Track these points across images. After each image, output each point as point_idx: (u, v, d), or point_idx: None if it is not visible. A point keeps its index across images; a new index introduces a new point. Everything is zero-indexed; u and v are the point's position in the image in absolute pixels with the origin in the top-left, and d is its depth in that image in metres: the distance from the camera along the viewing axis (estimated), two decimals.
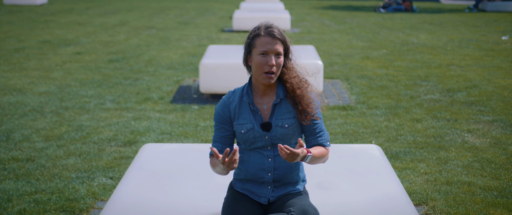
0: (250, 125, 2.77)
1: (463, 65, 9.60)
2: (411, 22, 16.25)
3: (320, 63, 7.19)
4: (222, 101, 2.84)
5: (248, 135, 2.77)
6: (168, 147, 3.85)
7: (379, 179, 3.29)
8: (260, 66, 2.71)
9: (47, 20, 16.37)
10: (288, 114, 2.78)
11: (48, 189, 4.44)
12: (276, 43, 2.72)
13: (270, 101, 2.81)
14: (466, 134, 5.89)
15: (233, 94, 2.84)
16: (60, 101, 7.18)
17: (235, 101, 2.81)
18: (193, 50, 11.31)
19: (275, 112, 2.78)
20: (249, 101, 2.78)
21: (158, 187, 3.19)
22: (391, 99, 7.31)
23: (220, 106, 2.83)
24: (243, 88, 2.83)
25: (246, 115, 2.79)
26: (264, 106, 2.80)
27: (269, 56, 2.70)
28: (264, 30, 2.74)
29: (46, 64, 9.65)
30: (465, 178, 4.68)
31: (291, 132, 2.78)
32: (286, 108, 2.79)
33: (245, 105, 2.80)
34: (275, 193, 2.82)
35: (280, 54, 2.73)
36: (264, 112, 2.80)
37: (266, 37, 2.72)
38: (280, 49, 2.73)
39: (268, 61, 2.70)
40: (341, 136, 5.82)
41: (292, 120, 2.78)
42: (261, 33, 2.73)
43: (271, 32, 2.72)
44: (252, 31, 2.77)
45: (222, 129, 2.82)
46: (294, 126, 2.78)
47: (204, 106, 6.92)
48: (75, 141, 5.66)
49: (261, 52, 2.71)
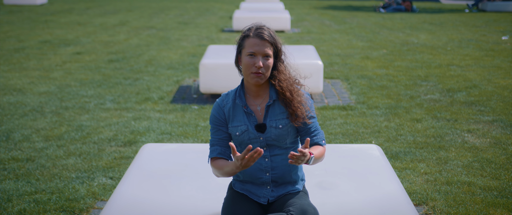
0: (244, 127, 2.78)
1: (463, 65, 9.60)
2: (411, 22, 16.25)
3: (320, 63, 7.19)
4: (216, 104, 2.85)
5: (243, 136, 2.78)
6: (168, 147, 3.84)
7: (379, 179, 3.28)
8: (248, 67, 2.72)
9: (47, 20, 16.37)
10: (281, 114, 2.79)
11: (48, 189, 4.44)
12: (265, 45, 2.72)
13: (263, 102, 2.81)
14: (466, 134, 5.88)
15: (226, 97, 2.84)
16: (60, 101, 7.18)
17: (228, 104, 2.82)
18: (193, 50, 11.31)
19: (268, 113, 2.79)
20: (242, 104, 2.79)
21: (158, 187, 3.18)
22: (391, 99, 7.31)
23: (215, 109, 2.84)
24: (236, 91, 2.84)
25: (240, 117, 2.79)
26: (257, 107, 2.81)
27: (257, 58, 2.71)
28: (254, 31, 2.75)
29: (46, 64, 9.65)
30: (465, 178, 4.68)
31: (285, 132, 2.78)
32: (279, 109, 2.80)
33: (239, 108, 2.81)
34: (275, 193, 2.82)
35: (269, 56, 2.73)
36: (258, 113, 2.80)
37: (254, 38, 2.72)
38: (269, 51, 2.73)
39: (255, 62, 2.71)
40: (341, 136, 5.82)
41: (286, 120, 2.78)
42: (250, 34, 2.75)
43: (260, 34, 2.73)
44: (243, 32, 2.79)
45: (220, 131, 2.82)
46: (288, 126, 2.78)
47: (204, 107, 6.92)
48: (75, 141, 5.65)
49: (249, 53, 2.72)
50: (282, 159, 2.79)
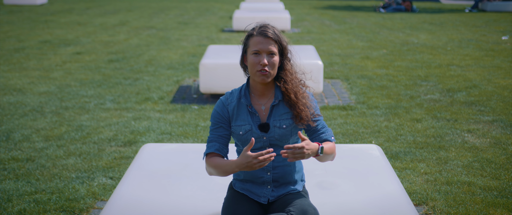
0: (248, 126, 2.78)
1: (463, 65, 9.60)
2: (411, 22, 16.25)
3: (320, 63, 7.19)
4: (220, 102, 2.85)
5: (246, 136, 2.78)
6: (168, 147, 3.85)
7: (379, 179, 3.29)
8: (253, 66, 2.73)
9: (47, 20, 16.36)
10: (286, 114, 2.79)
11: (48, 189, 4.44)
12: (269, 43, 2.73)
13: (268, 102, 2.82)
14: (466, 134, 5.89)
15: (230, 96, 2.84)
16: (60, 101, 7.18)
17: (233, 103, 2.82)
18: (193, 50, 11.31)
19: (273, 112, 2.80)
20: (246, 103, 2.79)
21: (158, 187, 3.19)
22: (391, 99, 7.31)
23: (218, 106, 2.84)
24: (240, 90, 2.85)
25: (244, 116, 2.79)
26: (262, 107, 2.81)
27: (262, 56, 2.72)
28: (257, 30, 2.77)
29: (46, 64, 9.65)
30: (465, 178, 4.68)
31: (289, 132, 2.78)
32: (284, 109, 2.80)
33: (243, 107, 2.81)
34: (275, 193, 2.82)
35: (274, 53, 2.74)
36: (262, 113, 2.81)
37: (258, 37, 2.74)
38: (273, 49, 2.73)
39: (260, 60, 2.72)
40: (341, 136, 5.82)
41: (290, 120, 2.78)
42: (254, 33, 2.77)
43: (264, 32, 2.74)
44: (248, 32, 2.81)
45: (221, 128, 2.81)
46: (292, 126, 2.79)
47: (204, 107, 6.92)
48: (75, 141, 5.65)
49: (254, 51, 2.73)
50: (284, 159, 2.80)
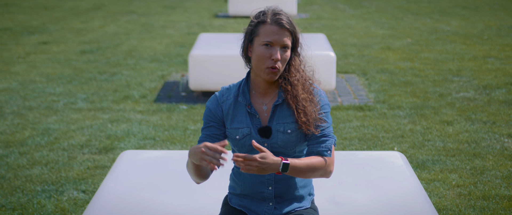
0: (246, 130, 2.74)
1: (502, 57, 9.61)
2: (440, 6, 16.27)
3: (332, 55, 7.20)
4: (214, 97, 2.81)
5: (244, 141, 2.74)
6: (151, 154, 3.85)
7: (403, 193, 3.29)
8: (262, 60, 2.67)
9: (7, 3, 16.37)
10: (291, 117, 2.73)
11: (9, 204, 4.44)
12: (284, 34, 2.68)
13: (270, 101, 2.77)
14: (506, 139, 5.89)
15: (227, 92, 2.80)
16: (22, 100, 7.19)
17: (229, 100, 2.78)
18: (181, 39, 11.32)
19: (276, 113, 2.75)
20: (245, 103, 2.76)
21: (139, 202, 3.19)
22: (417, 98, 7.32)
23: (211, 102, 2.80)
24: (239, 86, 2.80)
25: (242, 117, 2.75)
26: (263, 107, 2.77)
27: (274, 49, 2.67)
28: (271, 16, 2.70)
29: (6, 56, 9.66)
30: (505, 191, 4.69)
31: (294, 139, 2.73)
32: (289, 110, 2.75)
33: (241, 106, 2.77)
34: (278, 211, 2.79)
35: (287, 47, 2.70)
36: (262, 113, 2.76)
37: (272, 25, 2.68)
38: (288, 42, 2.69)
39: (272, 54, 2.66)
40: (357, 141, 5.82)
41: (296, 124, 2.73)
42: (267, 20, 2.69)
43: (279, 20, 2.68)
44: (256, 17, 2.73)
45: (212, 128, 2.77)
46: (299, 131, 2.73)
47: (194, 106, 6.93)
48: (40, 147, 5.66)
49: (265, 42, 2.67)
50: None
